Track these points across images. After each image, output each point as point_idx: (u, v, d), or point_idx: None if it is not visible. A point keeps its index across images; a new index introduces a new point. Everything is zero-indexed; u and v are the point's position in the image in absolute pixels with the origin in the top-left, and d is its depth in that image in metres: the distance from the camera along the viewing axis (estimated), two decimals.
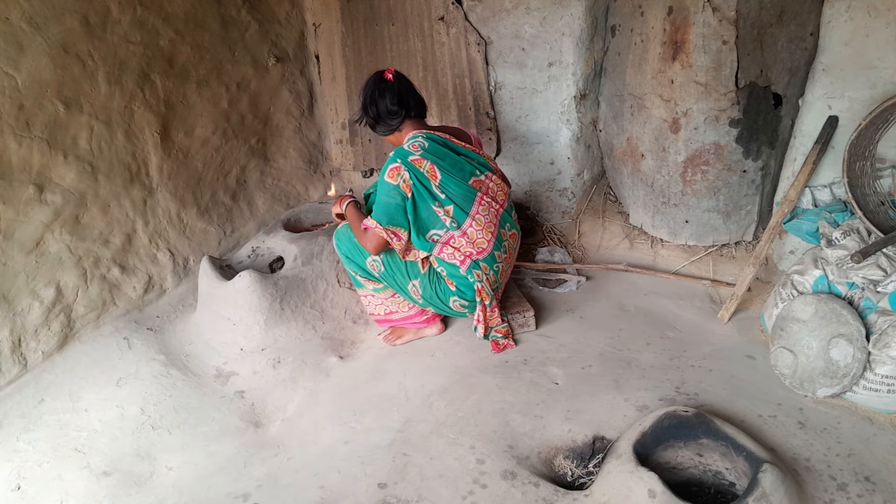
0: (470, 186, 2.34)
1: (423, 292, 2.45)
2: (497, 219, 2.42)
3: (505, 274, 2.54)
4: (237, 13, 3.26)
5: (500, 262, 2.46)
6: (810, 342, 2.19)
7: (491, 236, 2.39)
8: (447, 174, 2.28)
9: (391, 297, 2.57)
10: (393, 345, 2.67)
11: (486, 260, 2.40)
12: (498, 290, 2.53)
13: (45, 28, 2.40)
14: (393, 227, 2.27)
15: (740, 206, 2.83)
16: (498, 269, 2.45)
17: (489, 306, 2.47)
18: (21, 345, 2.48)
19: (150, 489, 2.07)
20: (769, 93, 2.59)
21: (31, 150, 2.43)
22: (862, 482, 1.86)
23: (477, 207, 2.35)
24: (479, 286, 2.41)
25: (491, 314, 2.51)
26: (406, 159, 2.24)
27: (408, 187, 2.24)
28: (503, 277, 2.53)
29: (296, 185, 3.74)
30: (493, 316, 2.52)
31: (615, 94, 3.02)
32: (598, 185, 3.42)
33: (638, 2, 2.74)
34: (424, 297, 2.46)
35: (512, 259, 2.55)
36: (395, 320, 2.65)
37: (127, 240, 2.84)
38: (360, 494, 1.95)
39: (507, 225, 2.49)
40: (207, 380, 2.52)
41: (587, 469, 2.00)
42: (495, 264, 2.43)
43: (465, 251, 2.36)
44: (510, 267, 2.58)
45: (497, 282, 2.47)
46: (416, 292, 2.46)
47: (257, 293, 2.60)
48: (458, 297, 2.45)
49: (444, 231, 2.33)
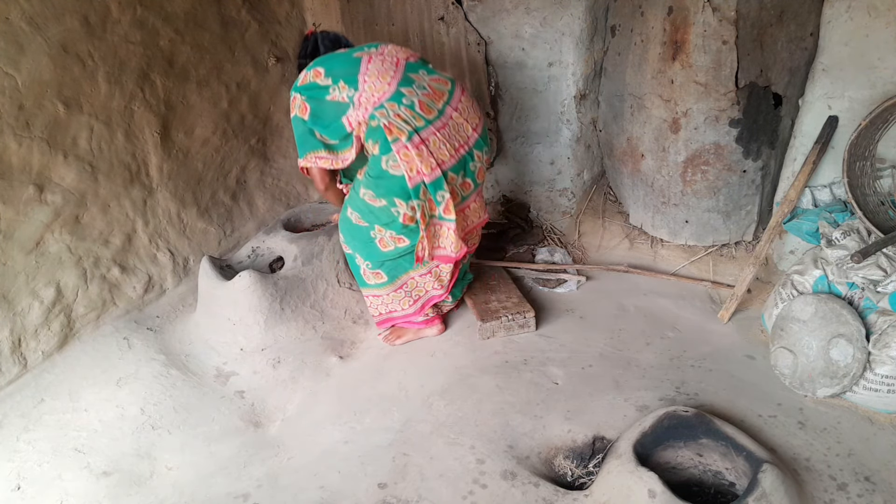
0: (354, 57, 2.31)
1: (375, 191, 2.34)
2: (398, 68, 2.29)
3: (447, 149, 2.30)
4: (237, 13, 3.26)
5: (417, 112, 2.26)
6: (810, 342, 2.19)
7: (388, 87, 2.24)
8: (331, 64, 2.30)
9: (393, 293, 2.56)
10: (392, 345, 2.67)
11: (388, 101, 2.24)
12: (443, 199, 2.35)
13: (45, 28, 2.40)
14: (312, 152, 2.35)
15: (740, 206, 2.83)
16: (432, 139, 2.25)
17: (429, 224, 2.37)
18: (21, 345, 2.48)
19: (150, 489, 2.07)
20: (769, 93, 2.59)
21: (31, 150, 2.43)
22: (862, 482, 1.86)
23: (366, 66, 2.27)
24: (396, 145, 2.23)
25: (435, 239, 2.44)
26: (296, 86, 2.33)
27: (304, 108, 2.30)
28: (444, 151, 2.29)
29: (296, 185, 3.74)
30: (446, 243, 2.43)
31: (615, 94, 3.02)
32: (598, 185, 3.42)
33: (638, 2, 2.74)
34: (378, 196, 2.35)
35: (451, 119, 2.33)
36: (396, 318, 2.65)
37: (127, 240, 2.84)
38: (360, 494, 1.95)
39: (422, 72, 2.34)
40: (207, 380, 2.52)
41: (587, 469, 2.00)
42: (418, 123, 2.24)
43: (383, 122, 2.24)
44: (460, 143, 2.34)
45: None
46: (383, 208, 2.37)
47: (257, 293, 2.60)
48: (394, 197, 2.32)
49: (350, 108, 2.26)
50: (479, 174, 2.44)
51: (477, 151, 2.38)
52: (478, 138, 2.37)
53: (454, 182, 2.34)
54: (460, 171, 2.35)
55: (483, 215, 2.61)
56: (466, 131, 2.33)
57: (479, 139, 2.38)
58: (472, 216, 2.54)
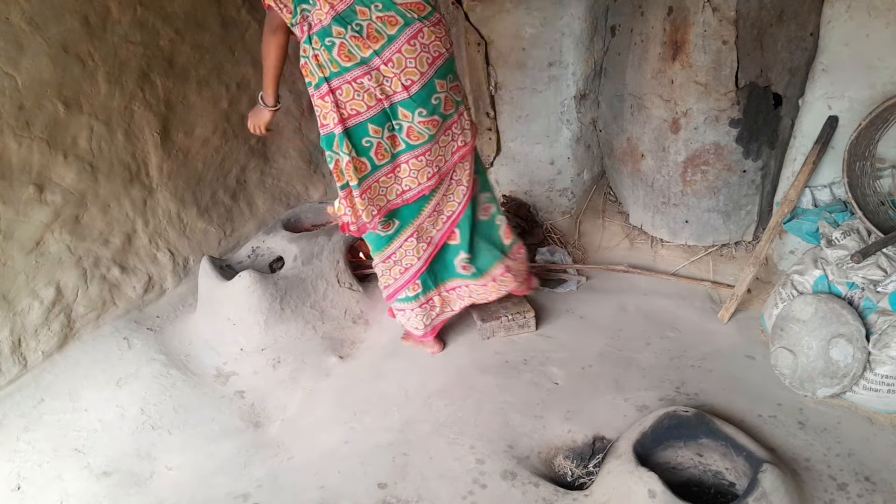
0: None
1: None
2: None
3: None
4: (237, 13, 3.26)
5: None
6: (810, 342, 2.19)
7: (325, 17, 1.98)
8: None
9: (382, 263, 2.39)
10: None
11: (316, 33, 2.00)
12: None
13: (45, 28, 2.40)
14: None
15: (740, 206, 2.83)
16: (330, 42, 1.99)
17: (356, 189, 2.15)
18: (21, 345, 2.48)
19: (150, 489, 2.07)
20: (769, 93, 2.59)
21: (31, 150, 2.43)
22: (862, 482, 1.86)
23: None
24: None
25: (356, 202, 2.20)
26: None
27: None
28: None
29: (296, 185, 3.74)
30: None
31: (615, 94, 3.02)
32: (598, 185, 3.42)
33: (638, 2, 2.74)
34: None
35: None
36: (392, 293, 2.47)
37: (127, 240, 2.84)
38: (360, 494, 1.95)
39: (376, 5, 1.99)
40: (207, 380, 2.52)
41: (587, 469, 2.00)
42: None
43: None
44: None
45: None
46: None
47: (257, 293, 2.60)
48: None
49: (308, 5, 1.99)
50: (408, 134, 2.14)
51: (403, 109, 2.09)
52: (407, 97, 2.07)
53: (378, 136, 2.12)
54: (384, 124, 2.11)
55: (424, 181, 2.24)
56: (394, 86, 2.05)
57: (410, 99, 2.08)
58: (407, 178, 2.23)
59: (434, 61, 2.08)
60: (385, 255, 2.37)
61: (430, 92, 2.10)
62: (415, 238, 2.35)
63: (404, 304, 2.48)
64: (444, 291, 2.53)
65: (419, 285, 2.43)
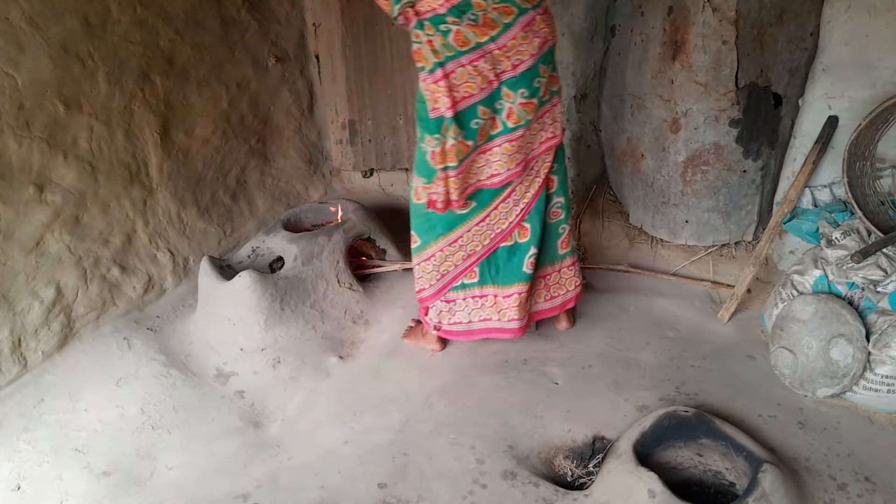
0: None
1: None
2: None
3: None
4: (237, 13, 3.26)
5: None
6: (810, 342, 2.19)
7: (440, 6, 2.00)
8: None
9: (423, 262, 2.39)
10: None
11: (429, 20, 2.02)
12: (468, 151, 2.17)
13: (45, 28, 2.40)
14: None
15: (740, 206, 2.83)
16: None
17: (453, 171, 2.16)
18: (21, 345, 2.48)
19: (150, 489, 2.07)
20: (769, 93, 2.59)
21: (31, 150, 2.43)
22: (862, 482, 1.86)
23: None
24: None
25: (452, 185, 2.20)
26: None
27: None
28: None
29: (296, 185, 3.74)
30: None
31: (615, 94, 3.02)
32: (598, 185, 3.42)
33: (638, 2, 2.74)
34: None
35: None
36: (450, 280, 2.43)
37: (127, 240, 2.84)
38: (360, 494, 1.95)
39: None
40: (207, 380, 2.52)
41: (587, 469, 2.00)
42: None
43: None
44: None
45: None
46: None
47: (257, 293, 2.60)
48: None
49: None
50: (508, 116, 2.17)
51: (506, 89, 2.13)
52: (514, 76, 2.11)
53: (485, 117, 2.15)
54: (491, 105, 2.15)
55: (513, 167, 2.26)
56: (504, 66, 2.09)
57: (514, 78, 2.12)
58: (497, 162, 2.25)
59: (542, 46, 2.12)
60: (452, 239, 2.34)
61: (533, 75, 2.14)
62: (485, 223, 2.34)
63: (457, 294, 2.44)
64: (501, 296, 2.45)
65: (477, 273, 2.41)
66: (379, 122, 3.64)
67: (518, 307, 2.42)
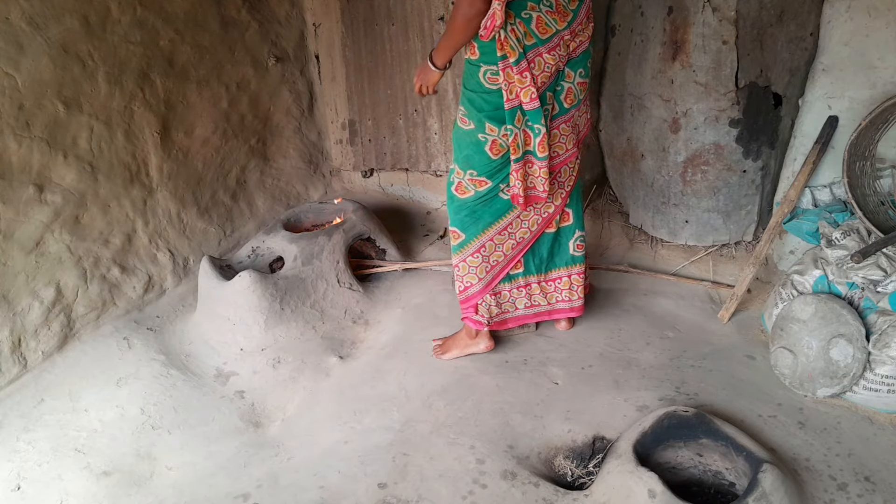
0: None
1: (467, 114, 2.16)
2: None
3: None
4: (237, 13, 3.26)
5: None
6: (810, 342, 2.19)
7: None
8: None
9: (471, 256, 2.35)
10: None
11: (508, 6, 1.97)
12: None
13: (45, 28, 2.40)
14: None
15: (740, 206, 2.83)
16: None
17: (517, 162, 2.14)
18: (21, 345, 2.48)
19: (150, 489, 2.07)
20: (769, 93, 2.59)
21: (31, 150, 2.43)
22: (862, 482, 1.86)
23: None
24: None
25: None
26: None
27: None
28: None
29: (296, 185, 3.74)
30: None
31: (615, 94, 3.02)
32: (598, 185, 3.42)
33: (638, 2, 2.74)
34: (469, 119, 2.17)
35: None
36: (472, 296, 2.42)
37: (127, 240, 2.84)
38: (360, 494, 1.95)
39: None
40: (207, 380, 2.52)
41: (587, 469, 2.00)
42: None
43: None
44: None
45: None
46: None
47: (257, 293, 2.60)
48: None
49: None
50: (566, 97, 2.19)
51: (568, 70, 2.15)
52: (574, 58, 2.15)
53: (551, 102, 2.16)
54: (553, 89, 2.16)
55: (570, 148, 2.29)
56: (568, 49, 2.11)
57: (574, 59, 2.15)
58: (556, 144, 2.24)
59: (594, 28, 2.19)
60: (501, 227, 2.33)
61: (588, 55, 2.20)
62: (533, 208, 2.34)
63: (503, 286, 2.44)
64: (544, 281, 2.48)
65: (522, 264, 2.43)
66: (379, 122, 3.64)
67: (571, 289, 2.51)
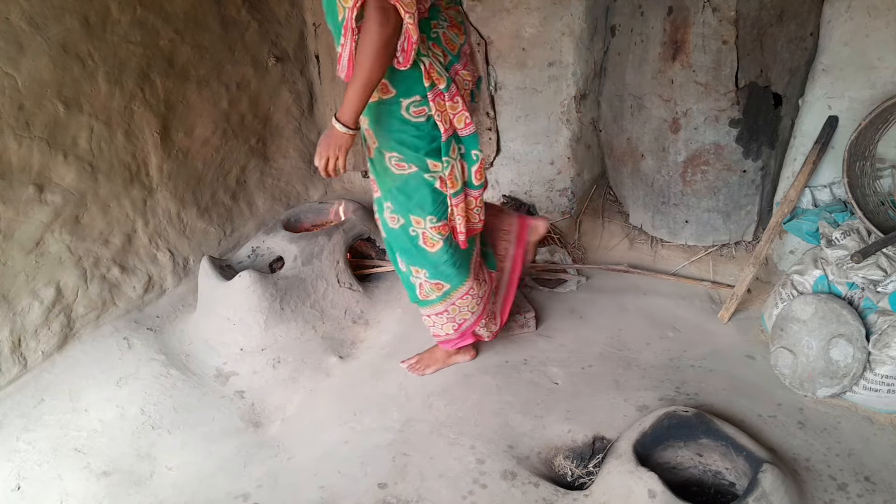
0: None
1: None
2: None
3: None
4: (237, 13, 3.26)
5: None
6: (810, 342, 2.19)
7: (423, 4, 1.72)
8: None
9: (466, 294, 2.19)
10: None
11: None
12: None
13: (45, 28, 2.40)
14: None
15: (740, 206, 2.83)
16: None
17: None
18: (21, 345, 2.48)
19: (150, 489, 2.07)
20: (769, 93, 2.59)
21: (31, 150, 2.43)
22: (862, 482, 1.86)
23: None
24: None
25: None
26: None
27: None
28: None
29: (296, 185, 3.74)
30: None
31: (615, 94, 3.02)
32: (598, 185, 3.42)
33: (638, 2, 2.74)
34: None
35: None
36: (466, 330, 2.31)
37: (127, 240, 2.84)
38: (360, 494, 1.95)
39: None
40: (207, 380, 2.52)
41: (587, 469, 2.00)
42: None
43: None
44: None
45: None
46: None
47: (257, 293, 2.60)
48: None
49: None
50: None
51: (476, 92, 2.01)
52: (471, 88, 1.96)
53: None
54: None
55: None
56: (472, 76, 1.92)
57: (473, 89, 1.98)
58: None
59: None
60: (476, 254, 2.22)
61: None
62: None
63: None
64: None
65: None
66: None
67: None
